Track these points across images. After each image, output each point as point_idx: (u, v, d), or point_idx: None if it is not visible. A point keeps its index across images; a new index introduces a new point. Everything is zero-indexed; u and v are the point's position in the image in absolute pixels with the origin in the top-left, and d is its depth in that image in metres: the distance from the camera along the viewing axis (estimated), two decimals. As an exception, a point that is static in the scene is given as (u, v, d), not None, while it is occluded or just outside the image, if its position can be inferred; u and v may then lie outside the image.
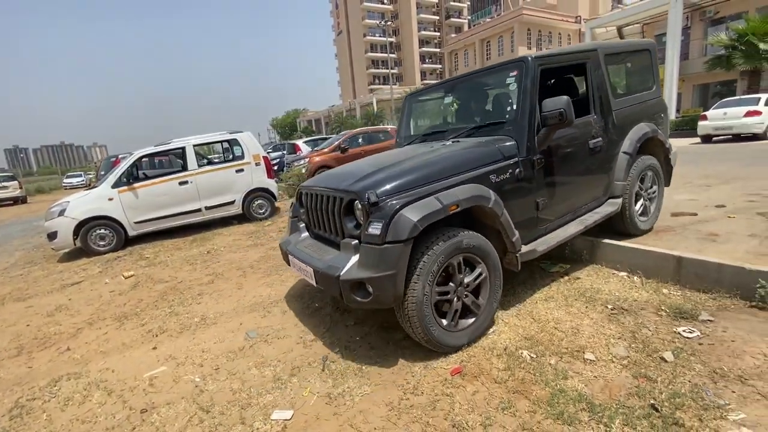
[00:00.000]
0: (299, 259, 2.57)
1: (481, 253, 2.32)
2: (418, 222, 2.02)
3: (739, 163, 7.24)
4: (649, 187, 3.57)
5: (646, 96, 3.61)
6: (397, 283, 2.03)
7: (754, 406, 1.61)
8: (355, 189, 2.28)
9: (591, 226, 3.03)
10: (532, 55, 2.70)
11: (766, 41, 13.86)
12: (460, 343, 2.30)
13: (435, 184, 2.26)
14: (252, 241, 5.65)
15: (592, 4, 45.71)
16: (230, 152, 7.02)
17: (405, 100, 3.96)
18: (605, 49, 3.25)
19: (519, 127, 2.63)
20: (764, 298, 2.31)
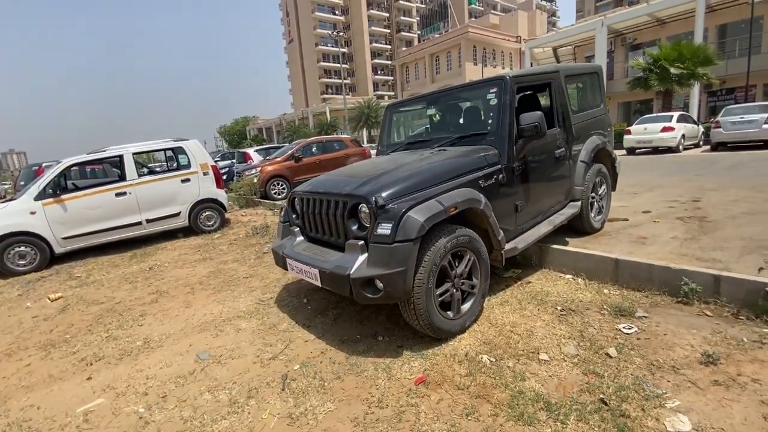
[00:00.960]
0: (301, 262, 2.66)
1: (474, 248, 2.55)
2: (425, 222, 2.22)
3: (659, 172, 8.11)
4: (600, 192, 4.05)
5: (596, 112, 4.12)
6: (407, 278, 2.21)
7: (686, 393, 1.78)
8: (361, 193, 2.44)
9: (558, 226, 3.40)
10: (509, 74, 3.05)
11: (676, 66, 15.75)
12: (462, 327, 2.53)
13: (434, 188, 2.48)
14: (200, 255, 5.33)
15: (531, 26, 49.37)
16: (175, 161, 6.60)
17: (386, 110, 4.17)
18: (565, 71, 3.69)
19: (500, 138, 2.92)
20: (688, 294, 2.58)
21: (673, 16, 21.58)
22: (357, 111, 35.31)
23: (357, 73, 68.61)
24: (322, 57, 65.60)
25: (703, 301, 2.56)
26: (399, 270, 2.18)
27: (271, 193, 9.38)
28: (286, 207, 3.26)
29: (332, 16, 65.40)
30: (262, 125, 61.47)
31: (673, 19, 21.88)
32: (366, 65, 66.55)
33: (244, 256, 5.01)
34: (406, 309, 2.36)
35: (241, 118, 66.43)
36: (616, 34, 24.16)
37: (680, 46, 16.12)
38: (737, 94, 19.64)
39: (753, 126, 11.25)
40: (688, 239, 3.57)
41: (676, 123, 12.70)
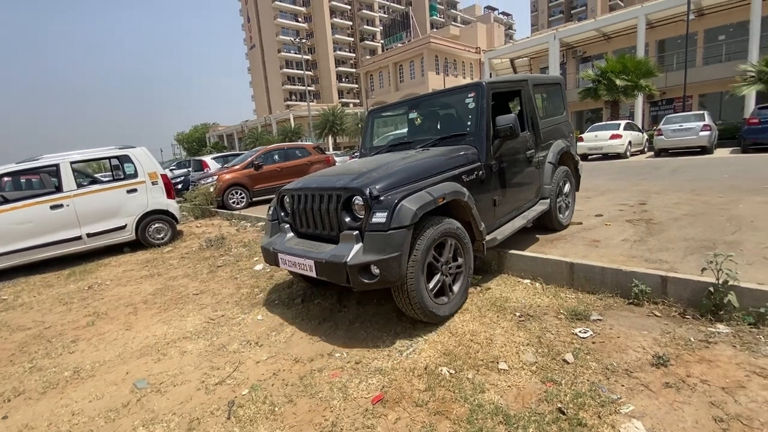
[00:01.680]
0: (295, 255, 2.74)
1: (459, 236, 2.77)
2: (417, 210, 2.41)
3: (608, 177, 8.54)
4: (566, 192, 4.40)
5: (560, 119, 4.50)
6: (402, 263, 2.37)
7: (640, 397, 1.79)
8: (355, 186, 2.58)
9: (531, 221, 3.72)
10: (485, 81, 3.36)
11: (621, 78, 16.84)
12: (452, 310, 2.75)
13: (422, 182, 2.68)
14: (147, 271, 4.95)
15: (489, 38, 51.38)
16: (121, 170, 6.15)
17: (369, 115, 4.39)
18: (532, 80, 4.02)
19: (479, 138, 3.18)
20: (638, 295, 2.65)
21: (617, 31, 23.17)
22: (321, 118, 35.04)
23: (321, 81, 68.27)
24: (285, 63, 64.74)
25: (653, 301, 2.63)
26: (395, 255, 2.33)
27: (229, 202, 8.99)
28: (274, 205, 3.32)
29: (295, 23, 64.85)
30: (222, 132, 59.65)
31: (618, 34, 23.49)
32: (330, 73, 66.40)
33: (196, 271, 4.70)
34: (399, 295, 2.52)
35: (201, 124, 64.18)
36: (567, 47, 25.58)
37: (624, 59, 17.27)
38: (676, 104, 21.30)
39: (690, 133, 12.18)
40: (637, 241, 3.71)
41: (623, 131, 13.52)
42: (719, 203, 4.97)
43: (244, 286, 3.99)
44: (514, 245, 3.65)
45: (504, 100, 4.22)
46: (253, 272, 4.37)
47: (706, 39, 21.59)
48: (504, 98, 4.15)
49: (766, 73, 14.22)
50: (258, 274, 4.30)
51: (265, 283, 3.96)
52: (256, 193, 9.51)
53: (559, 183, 4.15)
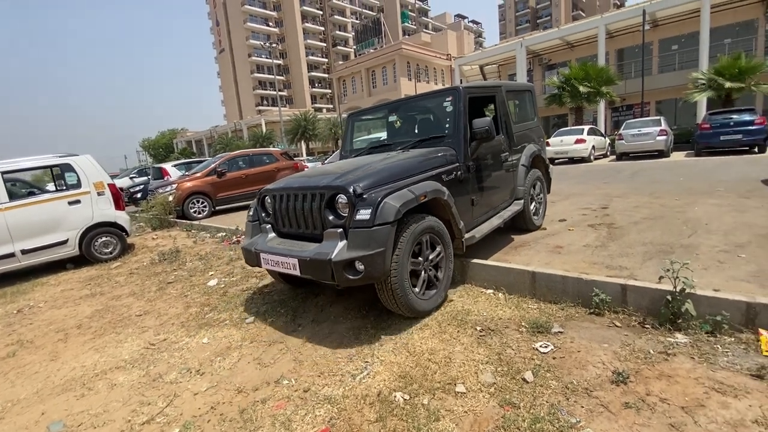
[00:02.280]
0: (278, 254, 2.74)
1: (439, 233, 2.86)
2: (400, 207, 2.47)
3: (573, 181, 8.71)
4: (538, 193, 4.58)
5: (531, 124, 4.70)
6: (386, 258, 2.42)
7: (599, 420, 1.68)
8: (338, 184, 2.62)
9: (507, 220, 3.86)
10: (461, 86, 3.48)
11: (584, 85, 17.46)
12: (433, 306, 2.83)
13: (404, 180, 2.75)
14: (89, 290, 4.54)
15: (459, 45, 52.39)
16: (62, 180, 5.67)
17: (348, 118, 4.46)
18: (506, 86, 4.16)
19: (457, 140, 3.29)
20: (599, 304, 2.59)
21: (580, 40, 24.09)
22: (294, 123, 34.51)
23: (294, 86, 67.52)
24: (256, 68, 63.62)
25: (613, 310, 2.57)
26: (379, 251, 2.38)
27: (189, 212, 8.53)
28: (255, 206, 3.32)
29: (266, 28, 63.92)
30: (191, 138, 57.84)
31: (581, 43, 24.43)
32: (303, 78, 65.79)
33: (144, 289, 4.35)
34: (384, 290, 2.56)
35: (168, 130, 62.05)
36: (533, 54, 26.37)
37: (587, 67, 17.93)
38: (635, 110, 22.29)
39: (648, 138, 12.70)
40: (598, 247, 3.70)
41: (587, 135, 13.95)
42: (676, 206, 5.09)
43: (193, 304, 3.70)
44: (478, 253, 3.56)
45: (479, 105, 4.35)
46: (206, 288, 4.07)
47: (661, 48, 22.78)
48: (479, 103, 4.28)
49: (715, 81, 15.08)
50: (211, 290, 4.01)
51: (217, 301, 3.68)
52: (220, 202, 9.10)
53: (532, 185, 4.32)
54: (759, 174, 7.06)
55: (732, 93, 15.01)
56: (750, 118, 11.30)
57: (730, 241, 3.48)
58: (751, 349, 2.03)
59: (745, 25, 20.37)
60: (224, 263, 4.89)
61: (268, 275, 4.24)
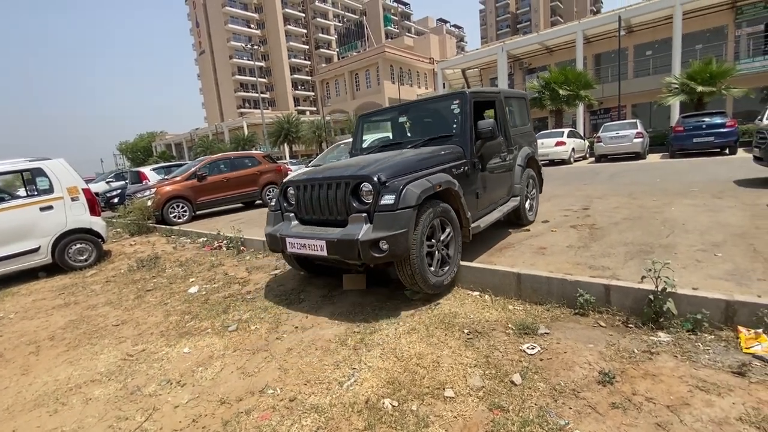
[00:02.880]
0: (304, 238, 3.02)
1: (451, 218, 3.17)
2: (420, 193, 2.80)
3: (555, 183, 8.87)
4: (531, 191, 4.96)
5: (525, 129, 5.11)
6: (409, 238, 2.73)
7: (587, 421, 1.68)
8: (364, 174, 2.93)
9: (506, 214, 4.21)
10: (468, 90, 3.86)
11: (564, 88, 17.87)
12: (446, 281, 3.13)
13: (420, 172, 3.06)
14: (62, 299, 4.35)
15: (442, 49, 52.94)
16: (33, 185, 5.43)
17: (359, 119, 4.78)
18: (504, 93, 4.55)
19: (464, 139, 3.65)
20: (583, 305, 2.62)
21: (558, 45, 24.68)
22: (276, 126, 34.16)
23: (276, 88, 66.89)
24: (237, 70, 62.77)
25: (597, 310, 2.61)
26: (402, 231, 2.68)
27: (169, 216, 8.31)
28: (277, 197, 3.58)
29: (247, 29, 63.16)
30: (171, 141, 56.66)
31: (559, 48, 25.03)
32: (285, 80, 65.26)
33: (121, 297, 4.19)
34: (403, 268, 2.85)
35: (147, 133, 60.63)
36: (514, 59, 26.87)
37: (566, 71, 18.37)
38: (612, 113, 22.93)
39: (625, 140, 13.07)
40: (581, 247, 3.76)
41: (567, 138, 14.26)
42: (653, 206, 5.23)
43: (174, 312, 3.58)
44: (464, 256, 3.56)
45: (481, 108, 4.72)
46: (187, 296, 3.95)
47: (636, 54, 23.55)
48: (481, 107, 4.64)
49: (687, 85, 15.66)
50: (191, 298, 3.89)
51: (198, 309, 3.57)
52: (200, 206, 8.90)
53: (527, 183, 4.72)
54: (730, 175, 7.33)
55: (704, 97, 15.60)
56: (721, 121, 11.76)
57: (707, 241, 3.59)
58: (731, 346, 2.08)
59: (715, 31, 21.26)
60: (205, 269, 4.77)
61: (251, 281, 4.15)
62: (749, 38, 20.62)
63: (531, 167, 4.94)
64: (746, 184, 6.19)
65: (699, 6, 19.77)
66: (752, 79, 18.30)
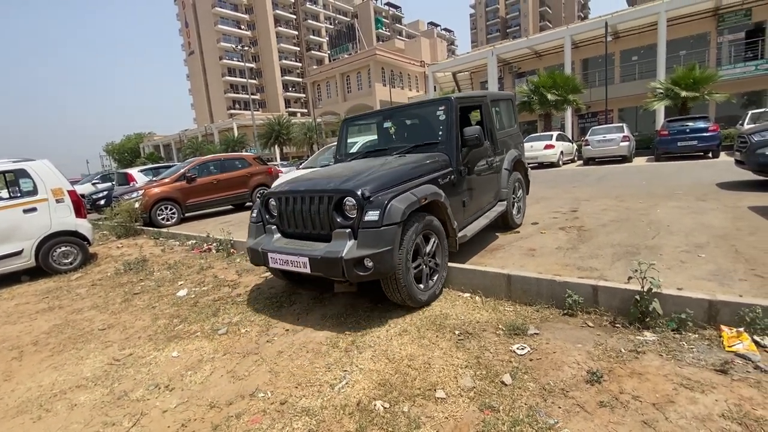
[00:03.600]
0: (287, 254, 2.88)
1: (437, 230, 3.09)
2: (405, 209, 2.69)
3: (543, 185, 8.98)
4: (519, 194, 4.93)
5: (512, 131, 5.03)
6: (394, 255, 2.64)
7: (576, 420, 1.71)
8: (347, 187, 2.81)
9: (492, 220, 4.11)
10: (453, 96, 3.74)
11: (552, 92, 18.14)
12: (434, 294, 3.07)
13: (405, 184, 2.96)
14: (46, 303, 4.25)
15: (432, 52, 53.29)
16: (16, 187, 5.31)
17: (343, 123, 4.62)
18: (490, 96, 4.46)
19: (450, 146, 3.55)
20: (572, 305, 2.66)
21: (547, 49, 25.05)
22: (267, 127, 33.96)
23: (267, 90, 66.55)
24: (227, 71, 62.30)
25: (585, 311, 2.65)
26: (387, 249, 2.59)
27: (157, 219, 8.19)
28: (258, 208, 3.40)
29: (237, 30, 62.78)
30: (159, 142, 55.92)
31: (548, 53, 25.40)
32: (276, 81, 64.96)
33: (108, 301, 4.11)
34: (389, 284, 2.77)
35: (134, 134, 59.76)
36: (504, 62, 27.17)
37: (554, 75, 18.65)
38: (599, 117, 23.34)
39: (612, 144, 13.31)
40: (569, 249, 3.81)
41: (555, 141, 14.46)
42: (640, 209, 5.33)
43: (162, 316, 3.53)
44: (455, 257, 3.58)
45: (466, 113, 4.68)
46: (175, 299, 3.90)
47: (622, 59, 24.02)
48: (466, 111, 4.58)
49: (672, 90, 16.03)
50: (180, 301, 3.84)
51: (187, 312, 3.53)
52: (189, 208, 8.79)
53: (514, 187, 4.66)
54: (713, 178, 7.52)
55: (687, 102, 15.99)
56: (704, 125, 12.06)
57: (691, 242, 3.67)
58: (714, 344, 2.13)
59: (698, 37, 21.81)
60: (194, 272, 4.71)
61: (241, 284, 4.11)
62: (730, 45, 21.21)
63: (518, 170, 4.89)
64: (728, 187, 6.36)
65: (683, 13, 20.28)
66: (733, 84, 18.81)
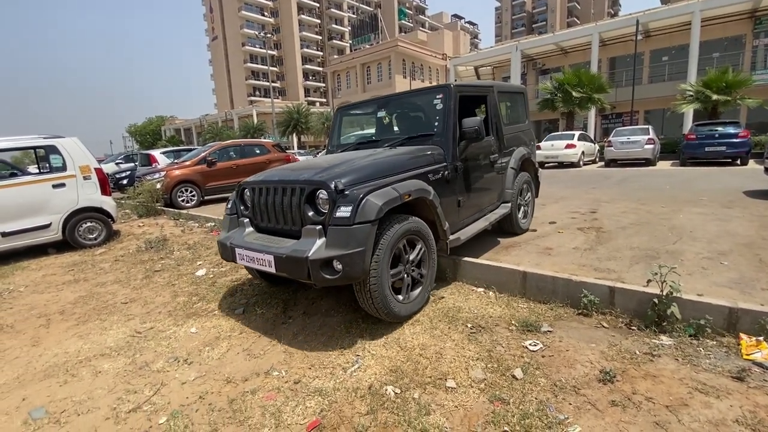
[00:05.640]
0: (253, 250, 2.63)
1: (424, 235, 2.77)
2: (382, 205, 2.38)
3: (563, 185, 8.84)
4: (526, 197, 4.53)
5: (522, 127, 4.62)
6: (366, 258, 2.33)
7: (587, 417, 1.72)
8: (320, 179, 2.52)
9: (493, 223, 3.79)
10: (452, 83, 3.37)
11: (577, 90, 17.70)
12: (416, 308, 2.76)
13: (389, 178, 2.66)
14: (72, 276, 4.43)
15: (455, 46, 52.49)
16: (47, 162, 5.51)
17: (337, 112, 4.28)
18: (498, 87, 4.06)
19: (445, 139, 3.21)
20: (587, 306, 2.64)
21: (574, 46, 24.39)
22: (286, 116, 34.15)
23: (287, 78, 66.76)
24: (249, 58, 62.69)
25: (601, 312, 2.63)
26: (358, 250, 2.29)
27: (178, 200, 8.39)
28: (233, 199, 3.17)
29: (260, 17, 62.97)
30: (180, 126, 56.87)
31: (574, 50, 24.74)
32: (296, 70, 65.09)
33: (130, 276, 4.26)
34: (362, 291, 2.47)
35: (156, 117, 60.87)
36: (528, 58, 26.59)
37: (580, 73, 18.17)
38: (624, 118, 22.71)
39: (636, 146, 12.95)
40: (587, 250, 3.77)
41: (577, 141, 14.15)
42: (662, 213, 5.21)
43: (181, 293, 3.64)
44: (469, 252, 3.59)
45: (470, 104, 4.32)
46: (194, 278, 4.02)
47: (652, 59, 23.22)
48: (470, 102, 4.24)
49: (702, 93, 15.45)
50: (199, 280, 3.96)
51: (206, 291, 3.63)
52: (209, 192, 8.97)
53: (520, 188, 4.28)
54: (740, 185, 7.27)
55: (718, 106, 15.40)
56: (734, 131, 11.62)
57: (714, 249, 3.58)
58: (732, 352, 2.10)
59: (733, 40, 20.90)
60: (213, 253, 4.83)
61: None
62: (766, 49, 20.27)
63: (526, 170, 4.52)
64: (756, 195, 6.15)
65: (718, 14, 19.43)
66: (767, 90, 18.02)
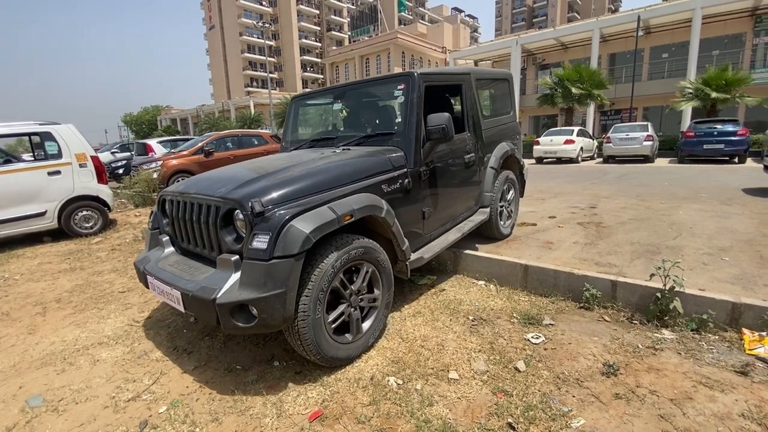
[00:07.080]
0: (162, 281, 2.15)
1: (374, 259, 2.24)
2: (311, 234, 1.88)
3: (562, 180, 8.84)
4: (509, 198, 4.02)
5: (506, 119, 4.07)
6: (287, 302, 1.84)
7: (590, 410, 1.71)
8: (236, 196, 2.02)
9: (467, 233, 3.23)
10: (417, 71, 2.77)
11: (577, 86, 17.65)
12: (366, 346, 2.26)
13: (329, 192, 2.14)
14: (68, 264, 4.38)
15: (455, 39, 52.16)
16: (42, 149, 5.41)
17: (291, 102, 3.69)
18: (476, 74, 3.52)
19: (407, 140, 2.66)
20: (589, 299, 2.64)
21: (574, 42, 24.29)
22: (283, 107, 33.84)
23: (285, 68, 66.10)
24: (246, 48, 61.95)
25: (602, 306, 2.63)
26: (277, 292, 1.80)
27: (174, 190, 8.30)
28: (156, 211, 2.66)
29: (259, 6, 62.11)
30: (176, 116, 56.28)
31: (575, 45, 24.65)
32: (294, 61, 64.45)
33: (127, 265, 4.22)
34: (291, 337, 2.00)
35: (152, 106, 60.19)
36: (528, 53, 26.49)
37: (580, 68, 18.11)
38: (623, 115, 22.73)
39: (635, 143, 12.96)
40: (587, 244, 3.76)
41: (576, 137, 14.14)
42: (661, 209, 5.22)
43: (179, 283, 3.61)
44: (470, 245, 3.57)
45: (443, 96, 3.77)
46: (192, 268, 3.97)
47: (652, 56, 23.18)
48: (443, 93, 3.73)
49: (702, 91, 15.46)
50: (197, 270, 3.92)
51: (204, 281, 3.60)
52: (206, 182, 8.88)
53: (501, 189, 3.75)
54: (739, 183, 7.30)
55: (717, 103, 15.41)
56: (733, 129, 11.64)
57: (714, 245, 3.59)
58: (735, 347, 2.10)
59: (733, 38, 20.89)
60: (211, 243, 4.78)
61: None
62: (766, 47, 20.27)
63: (510, 168, 3.99)
64: (755, 193, 6.17)
65: (719, 11, 19.38)
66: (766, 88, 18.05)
